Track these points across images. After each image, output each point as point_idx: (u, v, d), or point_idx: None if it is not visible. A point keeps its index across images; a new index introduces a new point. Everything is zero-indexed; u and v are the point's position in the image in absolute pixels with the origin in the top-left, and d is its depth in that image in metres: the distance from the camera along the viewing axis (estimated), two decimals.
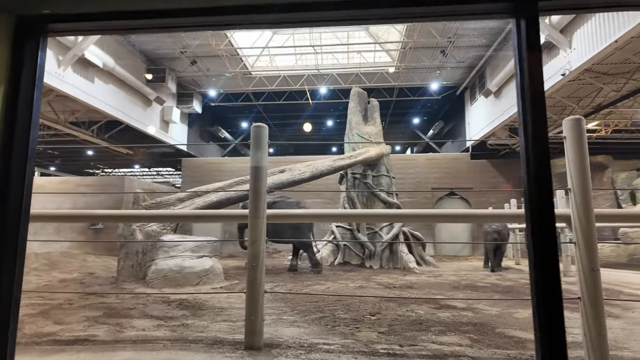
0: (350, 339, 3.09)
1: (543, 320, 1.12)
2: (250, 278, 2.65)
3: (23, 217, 0.89)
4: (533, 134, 1.07)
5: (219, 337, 2.95)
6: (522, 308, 4.44)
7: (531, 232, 1.07)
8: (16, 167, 0.87)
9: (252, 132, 2.85)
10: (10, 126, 0.87)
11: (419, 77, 15.11)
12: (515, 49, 1.01)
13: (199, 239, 6.46)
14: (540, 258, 1.12)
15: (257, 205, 2.73)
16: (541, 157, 1.06)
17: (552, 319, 1.13)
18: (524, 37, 0.94)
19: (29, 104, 0.90)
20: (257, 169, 2.79)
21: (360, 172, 9.48)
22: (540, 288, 1.14)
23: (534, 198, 1.07)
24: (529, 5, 0.92)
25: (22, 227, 0.88)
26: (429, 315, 4.02)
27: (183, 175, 16.67)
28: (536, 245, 1.07)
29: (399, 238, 8.88)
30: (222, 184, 7.63)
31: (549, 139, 1.10)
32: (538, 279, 1.13)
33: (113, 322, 3.49)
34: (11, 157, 0.86)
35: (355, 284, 6.29)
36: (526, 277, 7.31)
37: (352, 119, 10.06)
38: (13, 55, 0.89)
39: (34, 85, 0.91)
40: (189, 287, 5.70)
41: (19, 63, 0.90)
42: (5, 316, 0.88)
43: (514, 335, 3.31)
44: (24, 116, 0.89)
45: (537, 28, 0.96)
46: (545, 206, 1.08)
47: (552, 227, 1.04)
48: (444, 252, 14.33)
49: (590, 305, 2.42)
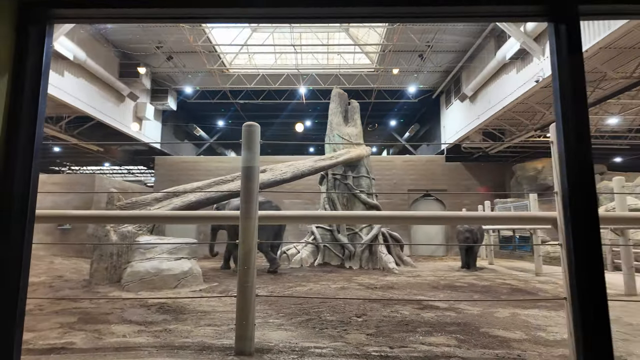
0: (339, 341, 3.07)
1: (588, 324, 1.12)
2: (241, 281, 2.57)
3: (29, 218, 0.80)
4: (576, 136, 1.07)
5: (207, 343, 2.86)
6: (502, 307, 4.56)
7: (572, 235, 1.07)
8: (21, 163, 0.78)
9: (243, 132, 2.78)
10: (15, 119, 0.78)
11: (397, 80, 15.33)
12: (554, 52, 1.01)
13: (177, 241, 6.27)
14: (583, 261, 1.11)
15: (249, 206, 2.66)
16: (584, 160, 1.07)
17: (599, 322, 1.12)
18: (563, 40, 0.94)
19: (35, 95, 0.82)
20: (249, 169, 2.71)
21: (340, 173, 9.50)
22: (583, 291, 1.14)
23: (577, 200, 1.07)
24: (568, 10, 0.93)
25: (27, 228, 0.80)
26: (414, 316, 4.05)
27: (156, 174, 16.18)
28: (578, 249, 1.07)
29: (378, 239, 8.95)
30: (201, 183, 7.45)
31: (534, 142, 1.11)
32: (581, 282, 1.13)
33: (90, 328, 3.32)
34: (16, 152, 0.78)
35: (336, 285, 6.29)
36: (500, 277, 7.53)
37: (333, 119, 10.07)
38: (17, 43, 0.81)
39: (40, 75, 0.83)
40: (166, 290, 5.52)
41: (24, 51, 0.81)
42: (10, 325, 0.80)
43: (497, 334, 3.38)
44: (30, 108, 0.80)
45: (578, 32, 0.97)
46: (589, 209, 1.07)
47: (597, 230, 1.05)
48: (420, 252, 14.59)
49: None
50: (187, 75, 14.89)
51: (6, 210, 0.79)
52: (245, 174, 2.72)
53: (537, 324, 3.79)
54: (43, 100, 0.85)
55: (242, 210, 2.67)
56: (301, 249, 9.07)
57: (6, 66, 0.79)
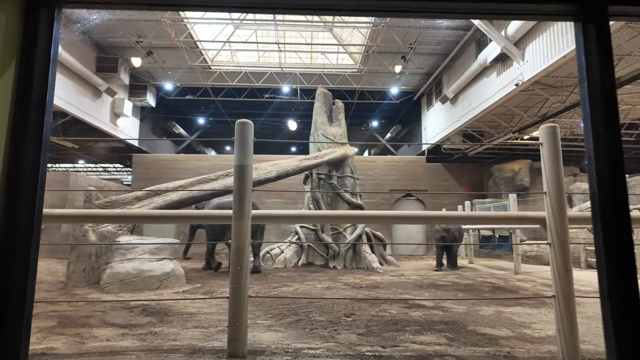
0: (331, 342, 3.05)
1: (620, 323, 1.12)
2: (234, 282, 2.51)
3: (36, 216, 0.74)
4: (606, 137, 1.08)
5: (197, 345, 2.78)
6: (486, 305, 4.65)
7: (603, 236, 1.08)
8: (29, 155, 0.72)
9: (236, 129, 2.71)
10: (23, 108, 0.71)
11: (379, 81, 15.45)
12: (582, 53, 1.02)
13: (159, 241, 6.11)
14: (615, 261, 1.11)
15: (242, 205, 2.60)
16: (615, 161, 1.07)
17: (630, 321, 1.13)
18: (593, 41, 0.95)
19: (44, 83, 0.75)
20: (242, 168, 2.66)
21: (325, 172, 9.49)
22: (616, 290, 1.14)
23: (608, 202, 1.08)
24: (599, 10, 0.94)
25: (35, 228, 0.74)
26: (402, 315, 4.08)
27: (134, 172, 15.76)
28: (610, 250, 1.08)
29: (362, 238, 8.99)
30: (183, 182, 7.29)
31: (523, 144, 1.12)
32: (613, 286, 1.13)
33: (71, 332, 3.18)
34: (24, 144, 0.71)
35: (322, 284, 6.27)
36: (481, 276, 7.71)
37: (318, 119, 10.05)
38: (26, 27, 0.74)
39: (49, 61, 0.76)
40: (148, 291, 5.36)
41: (32, 36, 0.74)
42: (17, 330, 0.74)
43: (485, 332, 3.43)
44: (39, 96, 0.74)
45: (608, 33, 0.98)
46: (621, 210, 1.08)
47: (628, 231, 1.06)
48: (401, 251, 14.76)
49: (564, 303, 2.56)
50: (167, 71, 14.55)
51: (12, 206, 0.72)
52: (239, 173, 2.66)
53: (521, 321, 3.87)
54: (52, 87, 0.79)
55: (235, 209, 2.61)
56: (285, 248, 9.01)
57: (14, 51, 0.72)
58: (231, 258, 2.57)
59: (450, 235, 8.83)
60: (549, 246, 2.70)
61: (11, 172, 0.71)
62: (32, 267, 0.76)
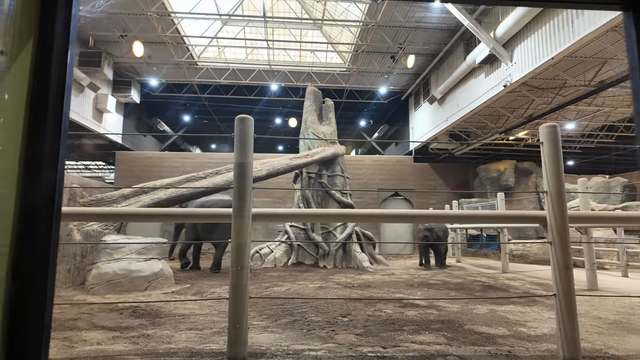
0: (331, 342, 3.00)
1: None
2: (234, 283, 2.43)
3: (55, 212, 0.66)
4: None
5: (194, 348, 2.69)
6: (480, 304, 4.68)
7: None
8: (49, 145, 0.64)
9: (236, 125, 2.63)
10: (42, 92, 0.64)
11: (368, 80, 15.47)
12: (633, 42, 0.99)
13: (147, 240, 5.95)
14: None
15: (242, 204, 2.52)
16: None
17: None
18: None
19: (63, 62, 0.67)
20: (242, 165, 2.58)
21: (315, 171, 9.43)
22: None
23: None
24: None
25: (54, 225, 0.66)
26: (397, 315, 4.06)
27: (117, 170, 15.36)
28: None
29: (352, 237, 8.97)
30: (172, 180, 7.12)
31: None
32: None
33: (59, 335, 3.04)
34: (44, 132, 0.63)
35: (314, 284, 6.22)
36: (470, 274, 7.78)
37: (308, 117, 9.98)
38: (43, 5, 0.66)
39: (68, 40, 0.69)
40: (136, 292, 5.20)
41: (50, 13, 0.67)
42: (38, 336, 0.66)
43: (482, 331, 3.44)
44: (58, 79, 0.66)
45: None
46: None
47: None
48: (388, 250, 14.83)
49: (565, 301, 2.58)
50: (152, 67, 14.23)
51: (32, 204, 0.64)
52: (239, 170, 2.58)
53: (515, 319, 3.90)
54: (70, 70, 0.71)
55: (235, 207, 2.53)
56: (274, 248, 8.91)
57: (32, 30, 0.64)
58: (231, 258, 2.49)
59: (434, 235, 8.84)
60: (550, 245, 2.71)
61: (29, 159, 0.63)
62: (52, 267, 0.68)
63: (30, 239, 0.63)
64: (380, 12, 10.18)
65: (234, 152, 2.61)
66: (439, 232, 8.89)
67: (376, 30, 11.40)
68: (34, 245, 0.64)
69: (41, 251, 0.64)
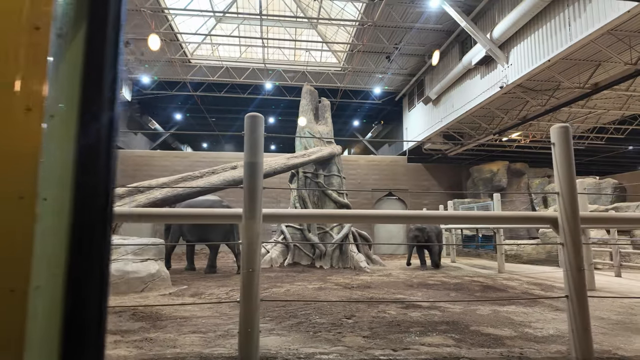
0: (339, 345, 2.95)
1: None
2: (246, 285, 2.36)
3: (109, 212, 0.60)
4: None
5: (202, 352, 2.61)
6: (482, 305, 4.68)
7: None
8: (103, 136, 0.58)
9: (246, 123, 2.56)
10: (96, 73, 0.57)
11: (362, 80, 15.47)
12: None
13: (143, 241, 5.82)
14: None
15: (253, 205, 2.46)
16: None
17: None
18: None
19: (115, 44, 0.61)
20: (252, 165, 2.51)
21: (311, 171, 9.37)
22: None
23: None
24: None
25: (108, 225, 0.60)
26: (402, 316, 4.03)
27: None
28: None
29: (348, 238, 8.94)
30: (167, 179, 7.00)
31: None
32: None
33: None
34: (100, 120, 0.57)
35: (313, 285, 6.16)
36: (467, 275, 7.81)
37: (304, 117, 9.91)
38: None
39: (119, 22, 0.63)
40: (132, 294, 5.09)
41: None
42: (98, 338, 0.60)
43: (489, 332, 3.43)
44: (110, 64, 0.60)
45: None
46: None
47: None
48: (382, 250, 14.85)
49: (577, 303, 2.57)
50: (144, 64, 13.99)
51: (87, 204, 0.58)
52: (249, 170, 2.51)
53: (519, 320, 3.90)
54: (122, 50, 0.65)
55: (246, 208, 2.46)
56: (270, 248, 8.83)
57: (84, 12, 0.58)
58: (242, 260, 2.42)
59: (425, 235, 8.78)
60: (561, 246, 2.70)
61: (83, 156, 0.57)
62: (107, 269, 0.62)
63: (86, 241, 0.57)
64: (378, 12, 10.16)
65: (244, 151, 2.53)
66: (430, 232, 8.82)
67: (372, 30, 11.39)
68: (90, 248, 0.57)
69: (97, 253, 0.58)
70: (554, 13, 7.21)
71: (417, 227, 8.86)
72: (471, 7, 9.49)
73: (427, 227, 8.86)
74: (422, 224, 8.90)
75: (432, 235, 8.85)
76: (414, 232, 8.83)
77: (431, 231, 8.88)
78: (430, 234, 8.84)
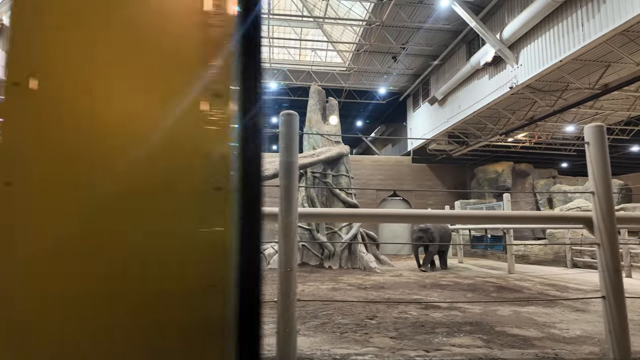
0: (370, 346, 2.92)
1: None
2: (283, 285, 2.33)
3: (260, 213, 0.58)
4: None
5: None
6: (501, 306, 4.65)
7: None
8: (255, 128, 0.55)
9: (281, 121, 2.53)
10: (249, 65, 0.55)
11: (367, 80, 15.45)
12: None
13: None
14: None
15: (290, 204, 2.43)
16: None
17: None
18: None
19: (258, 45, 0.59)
20: (288, 164, 2.48)
21: (320, 171, 9.34)
22: None
23: None
24: None
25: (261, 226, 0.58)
26: (424, 317, 4.00)
27: None
28: None
29: (357, 238, 8.91)
30: None
31: None
32: None
33: None
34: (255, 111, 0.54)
35: (326, 285, 6.14)
36: (478, 275, 7.80)
37: (312, 117, 9.89)
38: None
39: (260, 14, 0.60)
40: None
41: None
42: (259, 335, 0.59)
43: (516, 333, 3.40)
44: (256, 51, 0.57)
45: None
46: None
47: None
48: (387, 250, 14.82)
49: (615, 304, 2.54)
50: None
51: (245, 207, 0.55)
52: (285, 169, 2.49)
53: (542, 321, 3.88)
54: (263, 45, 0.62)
55: (282, 207, 2.43)
56: None
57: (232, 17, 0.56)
58: (279, 259, 2.39)
59: (429, 236, 8.48)
60: (597, 247, 2.68)
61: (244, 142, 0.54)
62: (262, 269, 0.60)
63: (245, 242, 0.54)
64: (387, 11, 10.14)
65: (279, 149, 2.51)
66: (434, 233, 8.60)
67: (379, 30, 11.37)
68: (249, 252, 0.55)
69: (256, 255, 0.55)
70: (567, 13, 7.21)
71: (421, 227, 8.55)
72: (480, 7, 9.48)
73: (430, 228, 8.52)
74: (426, 225, 8.61)
75: (436, 235, 8.54)
76: (417, 234, 8.53)
77: (435, 232, 8.62)
78: (434, 234, 8.59)
